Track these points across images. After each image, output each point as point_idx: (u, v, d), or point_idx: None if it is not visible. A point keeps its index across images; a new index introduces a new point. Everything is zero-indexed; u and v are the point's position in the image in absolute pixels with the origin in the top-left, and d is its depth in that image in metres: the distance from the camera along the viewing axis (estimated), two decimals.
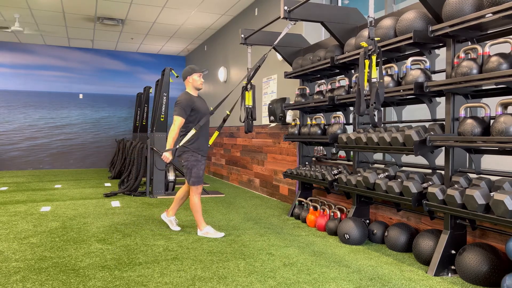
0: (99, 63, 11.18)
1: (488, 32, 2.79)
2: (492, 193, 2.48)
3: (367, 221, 3.89)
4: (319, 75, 4.81)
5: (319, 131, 4.41)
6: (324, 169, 4.34)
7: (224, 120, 4.25)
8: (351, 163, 4.29)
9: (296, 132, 4.82)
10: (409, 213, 3.59)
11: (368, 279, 2.68)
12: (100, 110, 11.26)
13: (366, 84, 2.84)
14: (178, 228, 4.05)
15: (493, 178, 2.77)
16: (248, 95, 4.66)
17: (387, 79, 3.37)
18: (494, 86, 2.78)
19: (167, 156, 3.77)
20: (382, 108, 3.92)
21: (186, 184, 3.97)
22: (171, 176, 6.39)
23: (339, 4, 5.50)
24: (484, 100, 2.89)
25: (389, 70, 3.49)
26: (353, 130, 4.08)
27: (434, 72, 3.27)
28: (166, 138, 6.42)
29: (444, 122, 3.08)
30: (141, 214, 4.84)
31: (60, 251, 3.25)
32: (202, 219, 3.86)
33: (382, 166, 3.86)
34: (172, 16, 8.00)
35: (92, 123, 11.19)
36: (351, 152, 4.16)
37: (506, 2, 2.40)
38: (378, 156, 4.24)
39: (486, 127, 2.61)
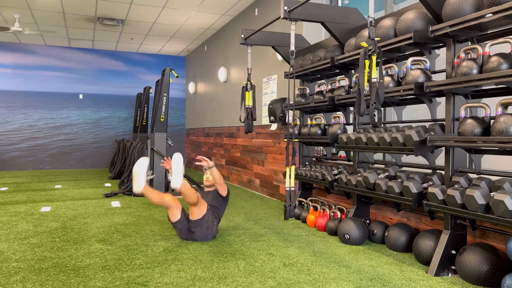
0: (99, 63, 11.18)
1: (488, 32, 2.79)
2: (492, 193, 2.47)
3: (367, 221, 3.89)
4: (319, 75, 4.81)
5: (319, 131, 4.41)
6: (324, 169, 4.34)
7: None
8: (351, 163, 4.29)
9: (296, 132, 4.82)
10: (409, 213, 3.59)
11: (368, 279, 2.68)
12: (100, 111, 11.26)
13: (366, 84, 2.84)
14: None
15: (493, 178, 2.77)
16: (248, 95, 4.67)
17: (387, 79, 3.37)
18: (494, 86, 2.78)
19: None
20: (382, 108, 3.93)
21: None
22: (171, 177, 6.38)
23: (339, 4, 5.50)
24: (484, 100, 2.89)
25: (389, 70, 3.49)
26: (353, 130, 4.08)
27: (434, 72, 3.27)
28: (166, 138, 6.47)
29: (444, 122, 3.08)
30: (141, 214, 4.84)
31: (60, 252, 3.25)
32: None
33: (382, 166, 3.86)
34: (172, 16, 8.01)
35: (92, 124, 11.18)
36: (351, 152, 4.16)
37: (506, 2, 2.40)
38: (378, 156, 4.24)
39: (486, 127, 2.61)
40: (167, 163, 3.79)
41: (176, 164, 3.43)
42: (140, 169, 3.44)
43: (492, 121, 2.57)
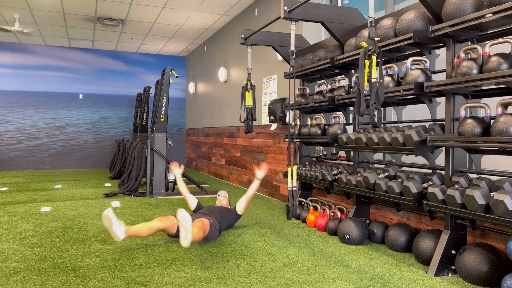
0: (99, 63, 11.18)
1: (488, 32, 2.79)
2: (492, 193, 2.47)
3: (367, 221, 3.89)
4: (319, 75, 4.81)
5: (319, 131, 4.41)
6: (324, 169, 4.34)
7: None
8: (351, 163, 4.29)
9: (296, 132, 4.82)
10: (409, 213, 3.59)
11: (368, 279, 2.68)
12: (100, 110, 11.26)
13: (366, 84, 2.84)
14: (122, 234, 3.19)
15: (493, 178, 2.77)
16: (248, 95, 4.67)
17: (387, 79, 3.37)
18: (494, 86, 2.78)
19: None
20: (382, 108, 3.93)
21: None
22: (171, 177, 6.39)
23: (339, 4, 5.50)
24: (484, 100, 2.89)
25: (389, 70, 3.49)
26: (353, 130, 4.08)
27: (434, 72, 3.27)
28: (166, 138, 6.47)
29: (444, 122, 3.07)
30: (141, 214, 4.84)
31: (60, 252, 3.25)
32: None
33: (382, 166, 3.86)
34: (172, 16, 8.01)
35: (92, 123, 11.19)
36: (351, 152, 4.16)
37: (506, 2, 2.40)
38: (378, 156, 4.24)
39: (486, 127, 2.61)
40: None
41: (185, 224, 3.02)
42: (109, 221, 3.11)
43: (492, 121, 2.57)
